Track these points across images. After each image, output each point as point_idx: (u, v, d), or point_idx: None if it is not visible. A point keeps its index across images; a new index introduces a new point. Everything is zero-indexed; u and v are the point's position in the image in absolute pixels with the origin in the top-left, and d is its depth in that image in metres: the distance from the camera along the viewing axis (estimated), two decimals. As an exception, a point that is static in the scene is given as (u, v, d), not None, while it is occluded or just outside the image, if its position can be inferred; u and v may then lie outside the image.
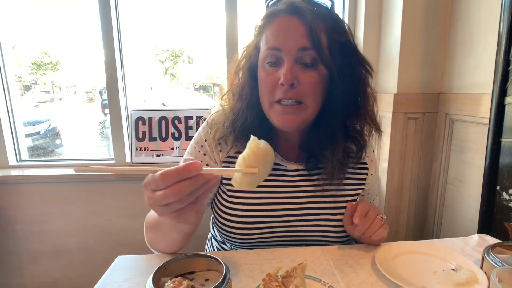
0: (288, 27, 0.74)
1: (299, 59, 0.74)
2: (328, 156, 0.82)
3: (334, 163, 0.82)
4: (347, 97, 0.79)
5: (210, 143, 0.87)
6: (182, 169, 0.47)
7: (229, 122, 0.84)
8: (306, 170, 0.87)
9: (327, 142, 0.82)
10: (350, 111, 0.82)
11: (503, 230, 1.09)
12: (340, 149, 0.82)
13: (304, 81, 0.74)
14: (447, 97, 1.49)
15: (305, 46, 0.72)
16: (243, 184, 0.55)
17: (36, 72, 4.12)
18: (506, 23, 1.04)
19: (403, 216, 1.67)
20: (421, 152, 1.61)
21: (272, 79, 0.75)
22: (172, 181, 0.48)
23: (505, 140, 1.07)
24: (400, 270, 0.71)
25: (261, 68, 0.79)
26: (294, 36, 0.73)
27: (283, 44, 0.73)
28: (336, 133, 0.81)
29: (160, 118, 1.81)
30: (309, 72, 0.74)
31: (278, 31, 0.75)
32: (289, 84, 0.72)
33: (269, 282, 0.58)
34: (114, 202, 1.77)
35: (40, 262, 1.82)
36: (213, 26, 2.27)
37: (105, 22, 1.68)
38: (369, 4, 1.65)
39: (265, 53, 0.77)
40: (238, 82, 0.87)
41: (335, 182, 0.84)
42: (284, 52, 0.73)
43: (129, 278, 0.70)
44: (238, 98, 0.85)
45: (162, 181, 0.48)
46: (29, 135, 3.56)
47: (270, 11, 0.78)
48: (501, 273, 0.52)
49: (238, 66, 0.88)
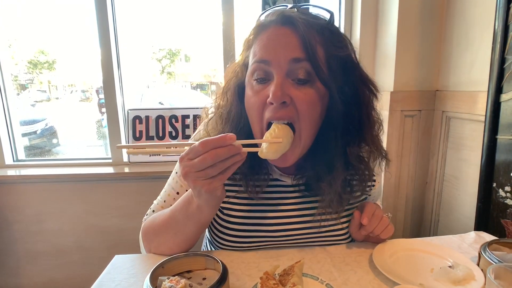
0: (279, 37, 0.65)
1: (292, 73, 0.64)
2: (325, 188, 0.74)
3: (332, 196, 0.74)
4: (348, 120, 0.70)
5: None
6: (219, 138, 0.54)
7: None
8: (305, 185, 0.81)
9: (324, 172, 0.73)
10: (352, 136, 0.72)
11: (500, 227, 1.09)
12: (339, 181, 0.73)
13: (297, 99, 0.64)
14: (443, 95, 1.50)
15: (297, 57, 0.63)
16: (269, 152, 0.62)
17: (32, 71, 4.10)
18: (501, 20, 1.05)
19: (400, 213, 1.68)
20: (418, 149, 1.61)
21: (259, 99, 0.66)
22: (211, 147, 0.53)
23: (501, 137, 1.08)
24: (397, 268, 0.71)
25: (248, 86, 0.69)
26: (285, 47, 0.63)
27: (273, 55, 0.64)
28: (335, 162, 0.72)
29: (157, 117, 1.80)
30: (303, 89, 0.64)
31: (267, 42, 0.65)
32: (279, 102, 0.62)
33: (266, 280, 0.58)
34: (111, 201, 1.76)
35: (37, 262, 1.81)
36: (210, 25, 2.27)
37: (102, 21, 1.67)
38: (365, 3, 1.65)
39: (252, 67, 0.67)
40: (224, 104, 0.78)
41: (334, 212, 0.77)
42: (274, 65, 0.64)
43: (126, 277, 0.69)
44: (226, 122, 0.76)
45: (202, 147, 0.53)
46: (26, 134, 3.54)
47: (260, 23, 0.70)
48: (497, 269, 0.52)
49: (226, 85, 0.79)
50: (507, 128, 1.06)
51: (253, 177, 0.76)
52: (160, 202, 0.86)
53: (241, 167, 0.70)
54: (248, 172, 0.75)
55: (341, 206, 0.77)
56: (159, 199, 0.87)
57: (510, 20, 1.03)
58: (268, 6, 1.64)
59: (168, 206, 0.79)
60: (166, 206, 0.83)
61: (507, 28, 1.04)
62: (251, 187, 0.76)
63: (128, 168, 1.75)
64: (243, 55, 0.75)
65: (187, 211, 0.69)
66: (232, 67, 0.80)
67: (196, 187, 0.61)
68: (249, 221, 0.80)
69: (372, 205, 0.81)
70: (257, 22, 0.72)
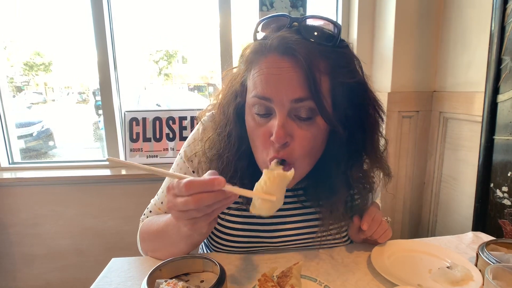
0: (280, 72, 0.60)
1: (294, 111, 0.61)
2: (324, 212, 0.74)
3: (333, 219, 0.75)
4: (352, 146, 0.68)
5: (199, 159, 0.79)
6: (206, 182, 0.49)
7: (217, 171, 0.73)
8: (303, 190, 0.80)
9: (325, 196, 0.72)
10: (355, 161, 0.71)
11: (497, 227, 1.09)
12: (340, 205, 0.72)
13: (299, 138, 0.62)
14: (440, 96, 1.50)
15: (300, 97, 0.59)
16: (262, 210, 0.56)
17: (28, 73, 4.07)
18: (498, 22, 1.05)
19: (398, 214, 1.68)
20: (415, 150, 1.62)
21: (262, 133, 0.64)
22: (195, 191, 0.50)
23: (498, 137, 1.08)
24: (396, 269, 0.71)
25: (249, 116, 0.67)
26: (287, 86, 0.60)
27: (274, 93, 0.60)
28: (337, 185, 0.71)
29: (154, 118, 1.80)
30: (305, 126, 0.62)
31: (268, 76, 0.61)
32: (282, 143, 0.61)
33: (264, 282, 0.58)
34: (108, 204, 1.75)
35: (34, 265, 1.80)
36: (207, 26, 2.27)
37: (98, 22, 1.66)
38: (362, 4, 1.66)
39: (253, 100, 0.64)
40: (224, 125, 0.74)
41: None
42: (276, 103, 0.61)
43: (123, 280, 0.69)
44: (225, 145, 0.73)
45: (186, 189, 0.49)
46: (22, 136, 3.51)
47: (259, 47, 0.64)
48: (495, 270, 0.52)
49: (222, 103, 0.75)
50: (504, 129, 1.06)
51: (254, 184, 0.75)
52: (157, 203, 0.85)
53: (242, 175, 0.71)
54: (248, 182, 0.71)
55: (341, 221, 0.78)
56: (156, 199, 0.87)
57: (506, 21, 1.04)
58: (265, 7, 1.64)
59: (165, 207, 0.79)
60: (164, 207, 0.83)
61: (503, 29, 1.05)
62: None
63: (125, 170, 1.75)
64: (241, 73, 0.70)
65: (178, 231, 0.67)
66: (229, 80, 0.75)
67: (179, 224, 0.58)
68: (247, 227, 0.80)
69: (372, 209, 0.81)
70: (255, 42, 0.67)
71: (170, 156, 1.79)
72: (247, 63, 0.67)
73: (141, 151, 1.78)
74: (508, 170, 1.05)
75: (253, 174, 0.69)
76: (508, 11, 1.03)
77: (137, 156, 1.78)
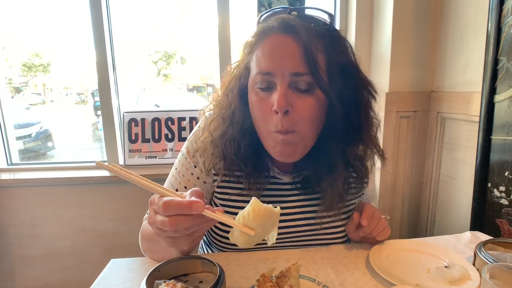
0: (281, 48, 0.66)
1: (294, 84, 0.67)
2: (326, 188, 0.76)
3: (333, 195, 0.76)
4: (348, 122, 0.72)
5: (203, 162, 0.81)
6: (184, 204, 0.48)
7: (219, 151, 0.77)
8: (301, 183, 0.83)
9: (326, 172, 0.76)
10: (351, 138, 0.75)
11: (495, 226, 1.10)
12: (340, 181, 0.75)
13: (299, 108, 0.67)
14: (438, 96, 1.51)
15: (300, 72, 0.65)
16: (239, 242, 0.54)
17: (27, 74, 4.07)
18: (494, 22, 1.06)
19: (396, 214, 1.69)
20: (413, 150, 1.62)
21: (265, 105, 0.69)
22: (172, 213, 0.48)
23: (495, 137, 1.09)
24: (394, 268, 0.72)
25: (252, 92, 0.72)
26: (287, 59, 0.66)
27: (276, 68, 0.66)
28: (336, 162, 0.74)
29: (153, 119, 1.80)
30: (304, 97, 0.67)
31: (270, 53, 0.67)
32: (283, 111, 0.65)
33: (263, 283, 0.58)
34: (106, 204, 1.75)
35: (32, 267, 1.80)
36: (205, 27, 2.27)
37: (97, 23, 1.66)
38: (360, 4, 1.66)
39: (255, 77, 0.70)
40: (228, 106, 0.78)
41: (333, 210, 0.79)
42: (277, 76, 0.66)
43: (122, 281, 0.69)
44: (229, 123, 0.77)
45: (163, 209, 0.48)
46: (20, 137, 3.50)
47: (261, 29, 0.71)
48: (492, 269, 0.53)
49: (227, 87, 0.79)
50: (501, 129, 1.07)
51: (255, 175, 0.78)
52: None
53: (245, 166, 0.76)
54: (251, 171, 0.77)
55: (341, 202, 0.79)
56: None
57: (502, 22, 1.04)
58: (264, 8, 1.64)
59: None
60: None
61: (500, 30, 1.05)
62: (253, 185, 0.77)
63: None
64: (245, 58, 0.76)
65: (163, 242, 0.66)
66: (233, 68, 0.81)
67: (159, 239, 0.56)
68: None
69: (371, 207, 0.82)
70: (258, 26, 0.73)
71: (169, 156, 1.79)
72: (251, 46, 0.73)
73: (140, 152, 1.78)
74: (505, 170, 1.05)
75: (254, 154, 0.76)
76: (505, 12, 1.03)
77: (136, 157, 1.78)
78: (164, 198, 0.49)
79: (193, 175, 0.82)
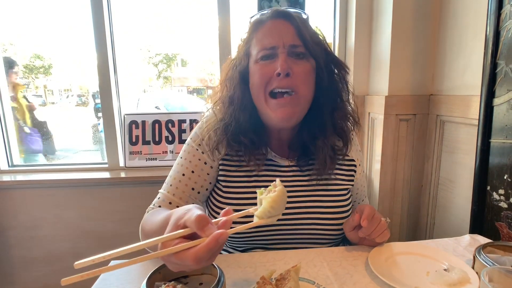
0: (278, 28, 0.82)
1: (291, 54, 0.81)
2: (320, 145, 0.87)
3: (326, 153, 0.87)
4: (332, 91, 0.87)
5: (207, 142, 0.89)
6: (212, 245, 0.45)
7: (221, 129, 0.87)
8: (298, 166, 0.91)
9: (319, 132, 0.88)
10: (336, 104, 0.89)
11: (494, 229, 1.10)
12: (330, 139, 0.88)
13: (297, 71, 0.80)
14: (437, 99, 1.52)
15: (296, 44, 0.81)
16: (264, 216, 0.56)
17: (28, 76, 4.08)
18: (493, 26, 1.07)
19: (396, 217, 1.69)
20: (413, 153, 1.63)
21: (267, 71, 0.81)
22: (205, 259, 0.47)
23: (494, 141, 1.09)
24: (393, 271, 0.72)
25: (255, 65, 0.84)
26: (285, 35, 0.81)
27: (276, 40, 0.81)
28: (326, 124, 0.87)
29: (154, 121, 1.80)
30: (300, 63, 0.82)
31: (269, 31, 0.83)
32: (285, 73, 0.78)
33: (263, 285, 0.58)
34: (107, 206, 1.76)
35: (32, 269, 1.80)
36: (206, 29, 2.27)
37: (98, 25, 1.67)
38: (359, 8, 1.67)
39: (258, 53, 0.83)
40: (227, 90, 0.89)
41: (326, 173, 0.88)
42: (278, 48, 0.80)
43: (122, 283, 0.69)
44: (229, 103, 0.88)
45: (195, 264, 0.46)
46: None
47: (257, 20, 0.86)
48: (491, 272, 0.53)
49: (225, 77, 0.90)
50: (500, 132, 1.07)
51: (254, 152, 0.86)
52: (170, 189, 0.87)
53: (243, 141, 0.85)
54: (250, 145, 0.86)
55: (332, 163, 0.89)
56: (165, 186, 0.89)
57: (501, 26, 1.05)
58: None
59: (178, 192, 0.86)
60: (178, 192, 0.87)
61: (498, 34, 1.06)
62: (253, 159, 0.86)
63: (124, 173, 1.75)
64: (243, 47, 0.88)
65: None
66: (230, 60, 0.92)
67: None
68: (247, 202, 0.85)
69: (371, 208, 0.83)
70: (253, 21, 0.87)
71: (169, 159, 1.79)
72: (248, 37, 0.87)
73: (140, 154, 1.79)
74: (504, 173, 1.06)
75: (253, 131, 0.86)
76: (503, 16, 1.04)
77: (136, 159, 1.79)
78: (190, 257, 0.46)
79: (200, 161, 0.89)
